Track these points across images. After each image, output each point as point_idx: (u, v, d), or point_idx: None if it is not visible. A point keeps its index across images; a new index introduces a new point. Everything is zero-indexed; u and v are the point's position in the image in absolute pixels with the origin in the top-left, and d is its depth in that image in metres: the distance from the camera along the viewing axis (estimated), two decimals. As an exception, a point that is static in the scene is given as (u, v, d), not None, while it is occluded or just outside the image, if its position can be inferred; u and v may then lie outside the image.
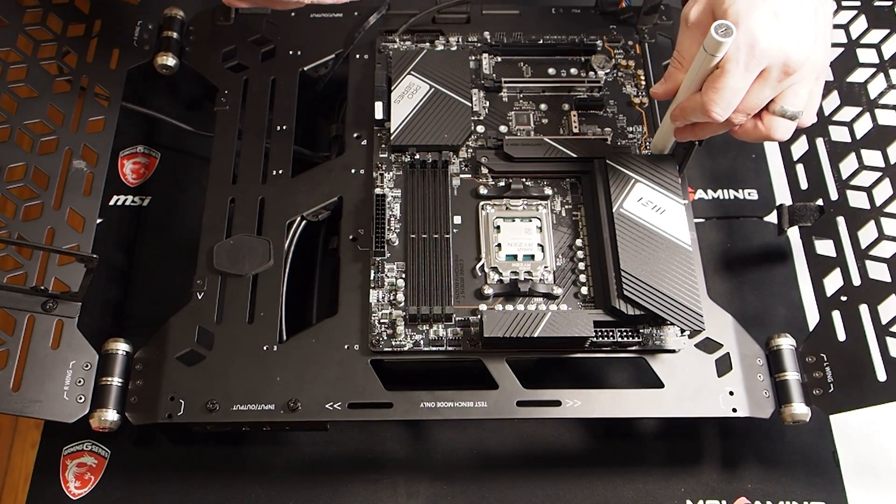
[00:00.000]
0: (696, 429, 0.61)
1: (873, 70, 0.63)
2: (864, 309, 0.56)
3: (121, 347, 0.55)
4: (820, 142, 0.63)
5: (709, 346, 0.57)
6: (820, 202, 0.62)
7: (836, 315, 0.57)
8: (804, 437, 0.61)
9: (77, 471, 0.59)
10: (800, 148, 0.65)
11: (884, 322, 0.55)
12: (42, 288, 0.55)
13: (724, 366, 0.56)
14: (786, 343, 0.57)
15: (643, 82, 0.65)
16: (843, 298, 0.57)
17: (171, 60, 0.67)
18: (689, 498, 0.59)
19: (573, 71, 0.66)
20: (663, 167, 0.58)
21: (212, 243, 0.59)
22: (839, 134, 0.63)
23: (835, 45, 0.66)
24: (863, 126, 0.62)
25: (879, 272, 0.57)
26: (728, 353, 0.56)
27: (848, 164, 0.62)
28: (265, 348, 0.56)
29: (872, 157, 0.61)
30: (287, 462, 0.60)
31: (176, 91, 0.72)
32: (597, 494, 0.59)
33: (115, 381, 0.54)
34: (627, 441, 0.61)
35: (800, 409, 0.55)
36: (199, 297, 0.57)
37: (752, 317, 0.65)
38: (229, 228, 0.60)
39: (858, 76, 0.64)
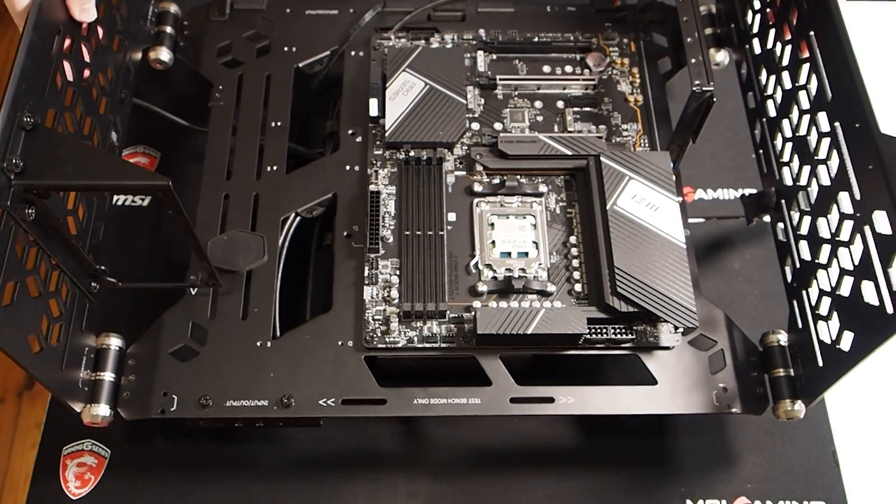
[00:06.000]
0: (695, 428, 0.61)
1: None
2: (811, 292, 0.54)
3: (113, 342, 0.55)
4: (765, 124, 0.61)
5: (702, 342, 0.57)
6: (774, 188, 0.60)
7: (795, 303, 0.56)
8: (804, 436, 0.61)
9: (77, 470, 0.59)
10: (757, 134, 0.63)
11: (814, 300, 0.54)
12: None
13: (717, 362, 0.56)
14: (780, 339, 0.57)
15: (638, 80, 0.65)
16: (794, 284, 0.57)
17: (165, 55, 0.66)
18: (689, 498, 0.59)
19: (568, 69, 0.66)
20: (657, 164, 0.58)
21: (206, 239, 0.59)
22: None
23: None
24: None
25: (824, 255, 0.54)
26: (722, 349, 0.57)
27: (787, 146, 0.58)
28: (259, 344, 0.55)
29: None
30: (288, 461, 0.60)
31: (170, 87, 0.72)
32: (597, 494, 0.59)
33: (108, 376, 0.54)
34: (627, 440, 0.61)
35: (793, 405, 0.55)
36: (193, 293, 0.57)
37: (751, 317, 0.65)
38: (223, 224, 0.60)
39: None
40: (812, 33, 0.53)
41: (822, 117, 0.51)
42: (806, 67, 0.54)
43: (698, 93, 0.54)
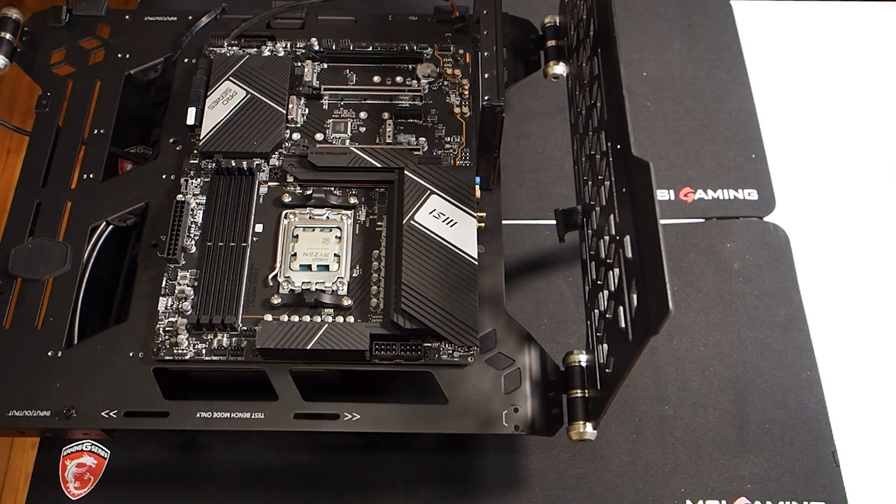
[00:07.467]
0: (695, 428, 0.61)
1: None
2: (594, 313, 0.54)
3: None
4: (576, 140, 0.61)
5: (500, 361, 0.56)
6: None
7: (588, 323, 0.55)
8: (804, 436, 0.61)
9: (77, 471, 0.59)
10: (575, 150, 0.62)
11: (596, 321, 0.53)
12: None
13: (512, 382, 0.55)
14: (581, 359, 0.55)
15: (467, 92, 0.64)
16: (588, 304, 0.56)
17: (-1, 61, 0.66)
18: (689, 498, 0.59)
19: (399, 79, 0.65)
20: (461, 179, 0.57)
21: (13, 246, 0.58)
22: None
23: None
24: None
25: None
26: (518, 368, 0.56)
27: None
28: (50, 354, 0.55)
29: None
30: (287, 464, 0.59)
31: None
32: (597, 494, 0.59)
33: None
34: (626, 440, 0.60)
35: (584, 426, 0.53)
36: (-8, 300, 0.57)
37: (750, 317, 0.65)
38: (33, 232, 0.59)
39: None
40: (599, 51, 0.52)
41: (604, 137, 0.50)
42: (596, 86, 0.53)
43: (488, 108, 0.53)
